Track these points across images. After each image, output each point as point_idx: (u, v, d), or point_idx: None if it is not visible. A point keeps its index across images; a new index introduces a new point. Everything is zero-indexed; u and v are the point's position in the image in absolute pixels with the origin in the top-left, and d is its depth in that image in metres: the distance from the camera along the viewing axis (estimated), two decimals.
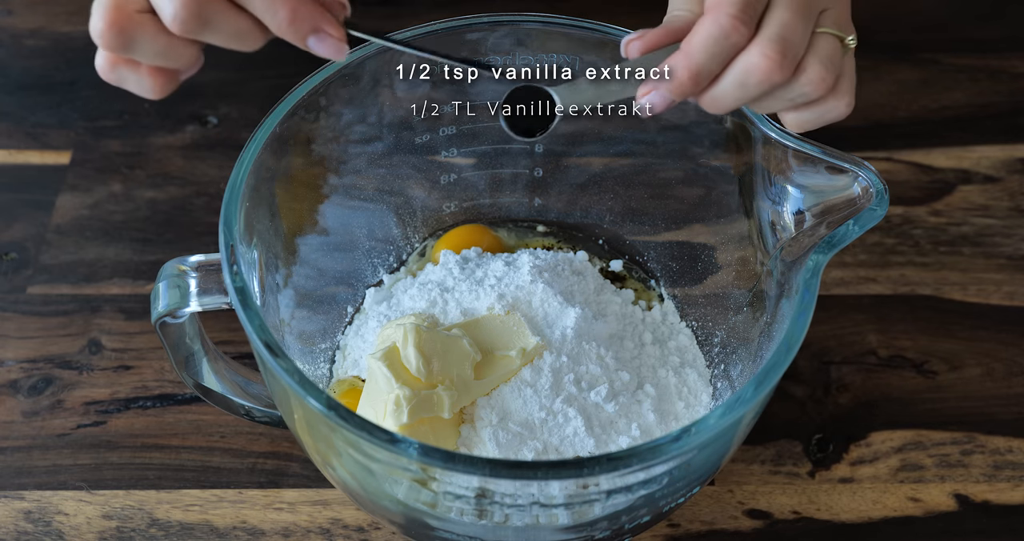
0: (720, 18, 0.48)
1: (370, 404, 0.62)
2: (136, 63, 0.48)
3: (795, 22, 0.49)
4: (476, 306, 0.67)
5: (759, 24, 0.49)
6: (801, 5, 0.49)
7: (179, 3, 0.46)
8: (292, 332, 0.66)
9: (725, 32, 0.48)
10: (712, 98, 0.51)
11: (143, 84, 0.49)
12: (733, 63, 0.49)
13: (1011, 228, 0.83)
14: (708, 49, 0.49)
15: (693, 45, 0.49)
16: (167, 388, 0.73)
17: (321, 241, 0.70)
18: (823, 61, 0.50)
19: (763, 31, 0.49)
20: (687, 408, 0.66)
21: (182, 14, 0.46)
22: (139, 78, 0.49)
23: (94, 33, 0.47)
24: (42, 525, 0.67)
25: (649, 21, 0.54)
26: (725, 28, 0.48)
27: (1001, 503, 0.69)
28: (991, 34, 0.97)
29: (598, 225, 0.75)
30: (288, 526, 0.67)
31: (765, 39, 0.49)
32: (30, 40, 0.94)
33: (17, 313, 0.77)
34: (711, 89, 0.50)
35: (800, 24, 0.49)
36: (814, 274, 0.55)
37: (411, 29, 0.64)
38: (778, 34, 0.49)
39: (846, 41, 0.51)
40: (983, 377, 0.75)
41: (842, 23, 0.52)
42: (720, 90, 0.50)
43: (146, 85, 0.49)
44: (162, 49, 0.48)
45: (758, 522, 0.68)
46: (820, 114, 0.52)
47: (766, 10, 0.49)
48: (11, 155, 0.86)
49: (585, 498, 0.53)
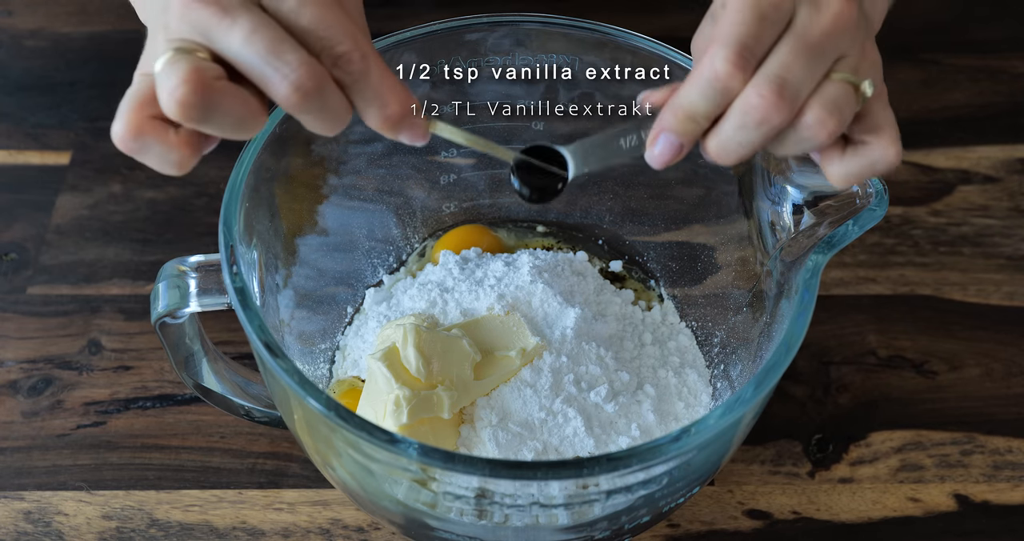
0: (714, 61, 0.48)
1: (370, 404, 0.62)
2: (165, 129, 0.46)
3: (796, 63, 0.48)
4: (476, 306, 0.67)
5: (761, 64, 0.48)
6: (808, 48, 0.48)
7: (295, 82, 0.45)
8: (292, 332, 0.66)
9: (718, 75, 0.48)
10: (718, 145, 0.50)
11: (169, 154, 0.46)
12: (732, 106, 0.48)
13: (1011, 228, 0.83)
14: (701, 92, 0.48)
15: (686, 87, 0.49)
16: (167, 388, 0.73)
17: (321, 241, 0.70)
18: (826, 105, 0.48)
19: (761, 70, 0.48)
20: (687, 408, 0.66)
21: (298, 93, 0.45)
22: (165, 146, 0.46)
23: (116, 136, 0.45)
24: (42, 525, 0.67)
25: (649, 21, 0.54)
26: (718, 71, 0.48)
27: (1001, 503, 0.69)
28: (991, 35, 0.97)
29: (598, 225, 0.75)
30: (288, 526, 0.67)
31: (761, 78, 0.48)
32: (30, 40, 0.94)
33: (17, 313, 0.77)
34: (715, 135, 0.49)
35: (803, 65, 0.48)
36: (814, 274, 0.55)
37: (411, 29, 0.64)
38: (775, 74, 0.48)
39: (861, 88, 0.49)
40: (983, 377, 0.75)
41: (862, 70, 0.50)
42: (723, 135, 0.49)
43: (173, 156, 0.46)
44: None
45: (758, 522, 0.68)
46: (865, 165, 0.51)
47: (769, 50, 0.48)
48: (11, 155, 0.86)
49: (585, 498, 0.53)
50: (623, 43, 0.64)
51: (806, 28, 0.48)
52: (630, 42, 0.64)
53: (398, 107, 0.47)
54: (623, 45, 0.64)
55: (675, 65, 0.63)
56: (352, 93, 0.47)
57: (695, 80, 0.48)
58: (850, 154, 0.51)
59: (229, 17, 0.44)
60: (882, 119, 0.51)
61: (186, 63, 0.44)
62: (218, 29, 0.44)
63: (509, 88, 0.67)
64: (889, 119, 0.51)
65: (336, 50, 0.45)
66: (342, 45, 0.45)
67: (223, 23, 0.44)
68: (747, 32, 0.47)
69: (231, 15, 0.44)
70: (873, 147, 0.50)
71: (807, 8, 0.48)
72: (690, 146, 0.50)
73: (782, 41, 0.48)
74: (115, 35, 0.94)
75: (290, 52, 0.45)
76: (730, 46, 0.47)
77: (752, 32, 0.47)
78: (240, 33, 0.44)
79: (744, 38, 0.47)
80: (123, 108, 0.45)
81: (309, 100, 0.45)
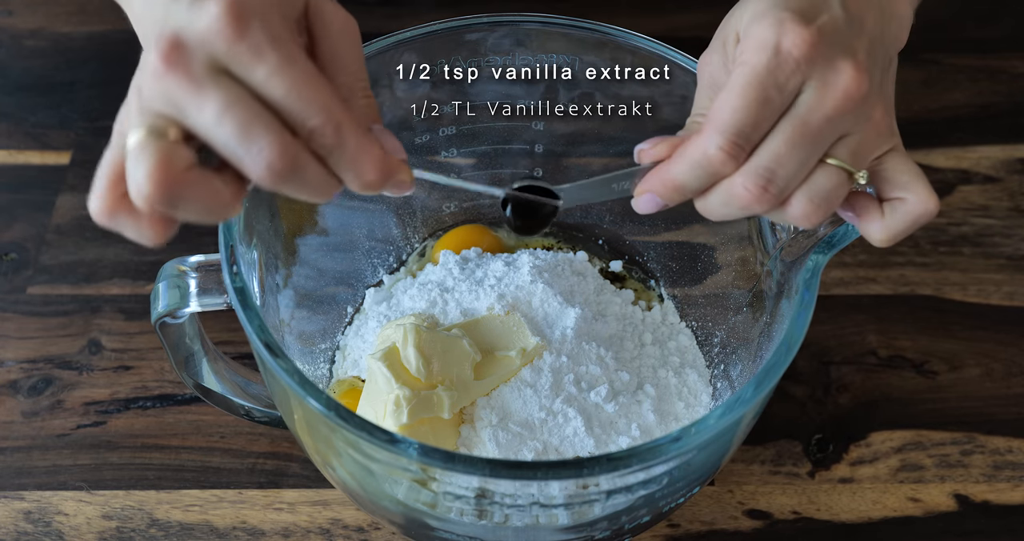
0: (708, 147, 0.47)
1: (370, 404, 0.62)
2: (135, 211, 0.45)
3: (788, 154, 0.47)
4: (476, 306, 0.67)
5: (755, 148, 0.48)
6: (806, 135, 0.47)
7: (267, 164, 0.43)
8: (292, 332, 0.66)
9: (709, 161, 0.47)
10: (703, 209, 0.50)
11: (142, 233, 0.45)
12: (719, 185, 0.49)
13: (1011, 228, 0.83)
14: (690, 172, 0.48)
15: (678, 164, 0.49)
16: (167, 388, 0.73)
17: (321, 241, 0.70)
18: (813, 197, 0.48)
19: (752, 161, 0.47)
20: (687, 408, 0.66)
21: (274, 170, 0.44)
22: (137, 226, 0.45)
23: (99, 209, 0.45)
24: (42, 525, 0.67)
25: (649, 21, 0.54)
26: (710, 157, 0.47)
27: (1001, 503, 0.69)
28: (991, 34, 0.97)
29: (598, 225, 0.75)
30: (288, 526, 0.67)
31: (750, 171, 0.47)
32: (30, 40, 0.94)
33: (17, 313, 0.77)
34: (702, 201, 0.50)
35: (795, 155, 0.47)
36: (814, 274, 0.55)
37: (411, 29, 0.64)
38: (765, 167, 0.47)
39: (855, 176, 0.49)
40: (983, 377, 0.75)
41: (863, 151, 0.49)
42: (709, 204, 0.50)
43: (145, 234, 0.45)
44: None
45: (758, 522, 0.68)
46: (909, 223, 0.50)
47: (766, 135, 0.47)
48: (11, 155, 0.86)
49: (585, 498, 0.53)
50: (623, 43, 0.64)
51: (809, 112, 0.47)
52: (630, 42, 0.64)
53: (375, 174, 0.46)
54: (623, 45, 0.64)
55: (675, 65, 0.63)
56: (329, 163, 0.45)
57: (687, 158, 0.48)
58: (890, 214, 0.50)
59: (200, 91, 0.43)
60: (908, 173, 0.50)
61: (154, 153, 0.43)
62: (189, 104, 0.43)
63: (509, 88, 0.67)
64: (915, 171, 0.50)
65: (308, 124, 0.44)
66: (313, 119, 0.44)
67: (194, 98, 0.43)
68: (745, 119, 0.47)
69: (202, 89, 0.43)
70: (912, 203, 0.50)
71: (815, 87, 0.47)
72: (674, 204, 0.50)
73: (781, 125, 0.47)
74: (115, 35, 0.94)
75: (262, 131, 0.43)
76: (725, 133, 0.47)
77: (750, 119, 0.47)
78: (211, 111, 0.43)
79: (741, 126, 0.47)
80: (98, 183, 0.45)
81: (284, 178, 0.44)
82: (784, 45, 0.46)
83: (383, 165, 0.46)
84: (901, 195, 0.50)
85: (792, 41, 0.46)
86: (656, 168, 0.50)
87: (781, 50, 0.46)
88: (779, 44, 0.46)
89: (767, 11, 0.47)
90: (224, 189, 0.44)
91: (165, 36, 0.43)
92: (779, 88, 0.46)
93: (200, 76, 0.43)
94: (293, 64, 0.43)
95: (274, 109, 0.44)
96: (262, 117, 0.43)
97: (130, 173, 0.43)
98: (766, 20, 0.47)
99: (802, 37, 0.46)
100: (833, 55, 0.47)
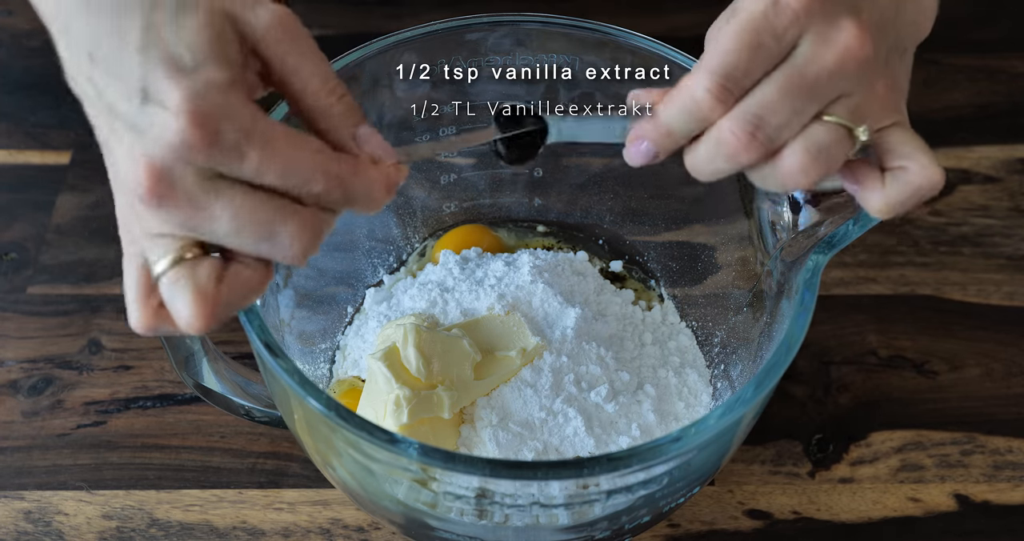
0: (696, 89, 0.46)
1: (370, 404, 0.62)
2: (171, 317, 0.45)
3: (780, 102, 0.45)
4: (476, 306, 0.67)
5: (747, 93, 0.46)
6: (799, 86, 0.45)
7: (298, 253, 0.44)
8: (292, 332, 0.66)
9: (696, 102, 0.46)
10: (692, 164, 0.49)
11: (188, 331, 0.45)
12: (707, 133, 0.47)
13: (1011, 228, 0.83)
14: (679, 114, 0.47)
15: (667, 106, 0.47)
16: (167, 388, 0.73)
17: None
18: (809, 149, 0.46)
19: (740, 105, 0.46)
20: (687, 408, 0.66)
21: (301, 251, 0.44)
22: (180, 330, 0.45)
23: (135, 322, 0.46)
24: (42, 525, 0.67)
25: (649, 21, 0.54)
26: (697, 98, 0.46)
27: (1001, 503, 0.69)
28: (991, 34, 0.97)
29: (598, 225, 0.75)
30: (288, 526, 0.67)
31: (736, 115, 0.46)
32: (30, 40, 0.94)
33: (17, 313, 0.77)
34: (690, 153, 0.48)
35: (788, 106, 0.45)
36: (814, 274, 0.55)
37: (411, 29, 0.64)
38: (752, 112, 0.46)
39: (855, 132, 0.47)
40: (983, 377, 0.75)
41: (865, 111, 0.47)
42: (697, 157, 0.48)
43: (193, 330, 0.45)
44: None
45: (758, 522, 0.68)
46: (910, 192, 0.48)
47: (757, 83, 0.46)
48: (11, 155, 0.86)
49: (585, 498, 0.53)
50: (623, 43, 0.64)
51: (804, 63, 0.46)
52: (630, 42, 0.64)
53: (384, 195, 0.46)
54: (623, 45, 0.64)
55: (675, 65, 0.63)
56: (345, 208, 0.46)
57: (675, 100, 0.47)
58: (891, 183, 0.48)
59: (205, 209, 0.42)
60: (911, 144, 0.48)
61: (189, 288, 0.43)
62: (200, 224, 0.43)
63: (509, 88, 0.67)
64: (919, 142, 0.48)
65: (312, 192, 0.43)
66: (316, 186, 0.43)
67: (202, 218, 0.42)
68: (735, 62, 0.45)
69: (206, 207, 0.42)
70: (913, 172, 0.48)
71: (812, 40, 0.45)
72: (665, 155, 0.49)
73: (773, 74, 0.46)
74: None
75: (281, 224, 0.43)
76: (713, 75, 0.46)
77: (741, 62, 0.45)
78: (225, 225, 0.43)
79: (730, 68, 0.45)
80: (131, 301, 0.45)
81: (315, 248, 0.45)
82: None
83: (387, 184, 0.46)
84: (903, 164, 0.48)
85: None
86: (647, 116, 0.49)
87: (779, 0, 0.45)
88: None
89: None
90: (254, 275, 0.45)
91: (142, 168, 0.42)
92: (775, 36, 0.45)
93: (196, 195, 0.42)
94: (274, 146, 0.42)
95: (276, 190, 0.43)
96: (274, 210, 0.43)
97: (171, 306, 0.44)
98: None
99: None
100: (836, 11, 0.46)
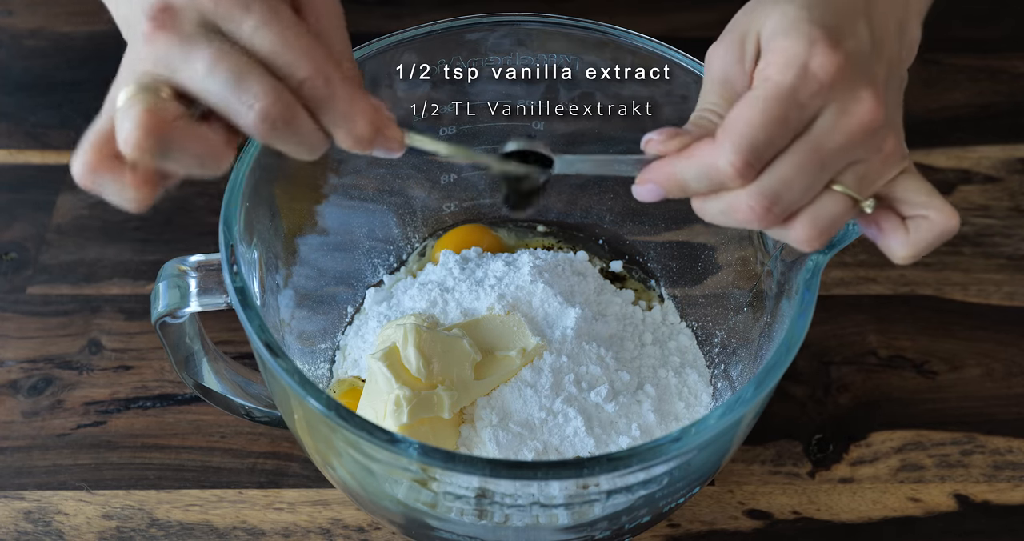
0: (719, 160, 0.46)
1: (370, 404, 0.62)
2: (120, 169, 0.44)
3: (798, 178, 0.47)
4: (476, 306, 0.67)
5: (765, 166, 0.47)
6: (818, 161, 0.47)
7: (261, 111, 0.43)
8: (292, 332, 0.66)
9: (717, 172, 0.47)
10: (700, 210, 0.50)
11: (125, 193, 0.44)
12: (721, 194, 0.48)
13: (1011, 228, 0.83)
14: (696, 176, 0.48)
15: (686, 167, 0.48)
16: (167, 388, 0.73)
17: (321, 241, 0.70)
18: (817, 222, 0.48)
19: (760, 181, 0.47)
20: (687, 408, 0.66)
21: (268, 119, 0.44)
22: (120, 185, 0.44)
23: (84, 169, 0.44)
24: (42, 525, 0.67)
25: (649, 21, 0.54)
26: (719, 170, 0.47)
27: (1001, 503, 0.69)
28: (991, 34, 0.97)
29: (598, 225, 0.75)
30: (288, 526, 0.67)
31: (756, 190, 0.47)
32: (30, 40, 0.94)
33: (17, 313, 0.77)
34: (701, 203, 0.49)
35: (803, 180, 0.47)
36: (814, 274, 0.55)
37: (411, 29, 0.64)
38: (771, 189, 0.47)
39: (861, 205, 0.49)
40: (983, 377, 0.75)
41: (870, 179, 0.49)
42: (708, 209, 0.49)
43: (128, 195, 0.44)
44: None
45: (758, 522, 0.68)
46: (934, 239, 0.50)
47: (776, 156, 0.47)
48: (11, 155, 0.86)
49: (585, 498, 0.53)
50: (623, 43, 0.64)
51: (824, 137, 0.47)
52: (630, 42, 0.64)
53: (366, 127, 0.46)
54: (623, 45, 0.64)
55: (675, 65, 0.63)
56: (319, 116, 0.45)
57: (696, 162, 0.48)
58: (914, 231, 0.50)
59: (191, 47, 0.43)
60: (925, 193, 0.50)
61: (143, 103, 0.43)
62: (180, 61, 0.43)
63: (509, 88, 0.67)
64: (930, 189, 0.50)
65: (298, 75, 0.44)
66: (303, 70, 0.44)
67: (185, 54, 0.43)
68: (761, 137, 0.46)
69: (193, 45, 0.43)
70: (934, 220, 0.50)
71: (833, 112, 0.47)
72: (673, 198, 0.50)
73: (794, 147, 0.47)
74: (115, 35, 0.93)
75: (255, 81, 0.43)
76: (740, 151, 0.46)
77: (766, 137, 0.46)
78: (202, 64, 0.43)
79: (757, 143, 0.46)
80: (83, 145, 0.44)
81: (277, 129, 0.44)
82: (812, 66, 0.46)
83: (374, 118, 0.46)
84: (922, 213, 0.50)
85: (820, 63, 0.46)
86: (663, 159, 0.49)
87: (808, 72, 0.46)
88: (807, 65, 0.46)
89: (796, 24, 0.47)
90: (214, 138, 0.44)
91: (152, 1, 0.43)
92: (800, 109, 0.46)
93: (190, 33, 0.43)
94: (279, 17, 0.44)
95: (264, 63, 0.44)
96: (254, 68, 0.43)
97: (119, 126, 0.43)
98: (795, 34, 0.46)
99: (831, 60, 0.46)
100: (856, 82, 0.47)
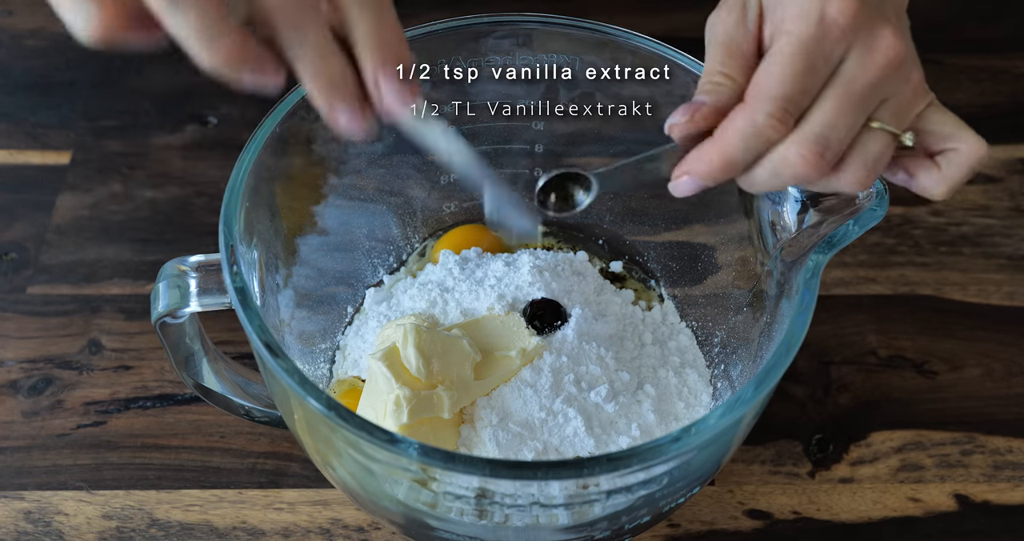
0: (757, 116, 0.47)
1: (370, 404, 0.62)
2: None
3: (840, 119, 0.47)
4: (476, 306, 0.67)
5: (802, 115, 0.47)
6: (852, 100, 0.47)
7: None
8: (292, 332, 0.66)
9: (760, 130, 0.47)
10: (747, 182, 0.50)
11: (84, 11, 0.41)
12: (768, 154, 0.48)
13: (1011, 228, 0.83)
14: (742, 144, 0.48)
15: (727, 139, 0.48)
16: (167, 388, 0.73)
17: (321, 241, 0.70)
18: (866, 163, 0.48)
19: (803, 127, 0.47)
20: (687, 408, 0.66)
21: None
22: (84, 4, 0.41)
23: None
24: (42, 525, 0.67)
25: (649, 21, 0.54)
26: (759, 126, 0.47)
27: (1001, 503, 0.69)
28: (993, 34, 0.97)
29: (598, 225, 0.75)
30: (288, 526, 0.67)
31: (803, 138, 0.47)
32: (30, 40, 0.94)
33: (17, 313, 0.77)
34: (746, 176, 0.49)
35: (845, 121, 0.47)
36: (814, 274, 0.55)
37: (411, 29, 0.64)
38: (818, 133, 0.47)
39: (901, 138, 0.49)
40: (983, 377, 0.75)
41: (904, 112, 0.49)
42: (755, 176, 0.49)
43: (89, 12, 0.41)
44: None
45: (758, 522, 0.68)
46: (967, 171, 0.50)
47: (813, 101, 0.47)
48: (11, 155, 0.86)
49: (585, 498, 0.53)
50: (623, 43, 0.64)
51: (854, 77, 0.47)
52: (630, 42, 0.64)
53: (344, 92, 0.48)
54: (623, 45, 0.64)
55: (675, 65, 0.63)
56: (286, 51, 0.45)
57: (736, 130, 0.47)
58: (946, 166, 0.50)
59: None
60: (951, 124, 0.50)
61: None
62: None
63: (509, 88, 0.67)
64: (956, 120, 0.50)
65: None
66: None
67: None
68: (793, 87, 0.47)
69: None
70: (965, 151, 0.50)
71: (858, 54, 0.47)
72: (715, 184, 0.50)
73: (828, 91, 0.47)
74: None
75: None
76: (775, 100, 0.47)
77: (799, 86, 0.47)
78: None
79: (791, 93, 0.47)
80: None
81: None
82: (829, 14, 0.47)
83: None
84: (952, 145, 0.50)
85: (838, 9, 0.47)
86: (696, 149, 0.49)
87: (826, 19, 0.47)
88: (824, 13, 0.47)
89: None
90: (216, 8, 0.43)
91: None
92: (825, 56, 0.47)
93: None
94: None
95: None
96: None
97: None
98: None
99: (847, 4, 0.47)
100: (874, 21, 0.47)
